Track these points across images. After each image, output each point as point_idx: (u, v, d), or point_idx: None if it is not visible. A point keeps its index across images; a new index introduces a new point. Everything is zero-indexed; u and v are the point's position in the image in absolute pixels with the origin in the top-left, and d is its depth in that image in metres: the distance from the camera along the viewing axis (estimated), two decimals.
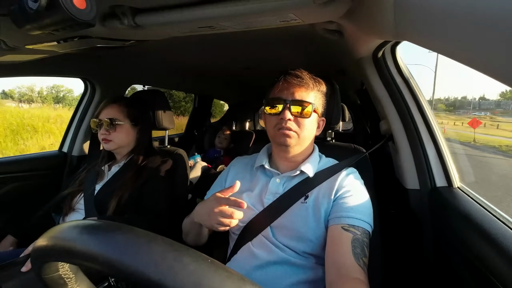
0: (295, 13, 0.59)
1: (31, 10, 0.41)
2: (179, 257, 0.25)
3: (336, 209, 0.71)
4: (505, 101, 55.53)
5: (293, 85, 0.75)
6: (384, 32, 0.64)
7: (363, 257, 0.63)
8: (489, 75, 0.35)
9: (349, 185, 0.75)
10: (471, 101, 58.37)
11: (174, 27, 0.70)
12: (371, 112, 2.02)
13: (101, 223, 0.31)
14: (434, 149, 0.91)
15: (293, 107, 0.74)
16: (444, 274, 0.80)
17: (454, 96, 76.24)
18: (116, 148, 1.10)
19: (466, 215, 0.69)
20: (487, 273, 0.57)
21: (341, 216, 0.68)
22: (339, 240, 0.65)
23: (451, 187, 0.87)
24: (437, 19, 0.40)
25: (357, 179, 0.79)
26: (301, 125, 0.75)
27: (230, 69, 1.75)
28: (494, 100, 59.03)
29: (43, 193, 1.39)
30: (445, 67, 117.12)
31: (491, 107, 50.82)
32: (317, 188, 0.76)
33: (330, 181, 0.77)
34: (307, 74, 0.77)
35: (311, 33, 0.92)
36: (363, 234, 0.66)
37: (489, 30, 0.31)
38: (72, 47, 0.80)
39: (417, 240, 0.94)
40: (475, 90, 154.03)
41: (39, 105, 17.09)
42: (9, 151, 5.96)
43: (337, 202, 0.72)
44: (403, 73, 0.98)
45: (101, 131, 1.07)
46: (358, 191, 0.75)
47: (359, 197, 0.73)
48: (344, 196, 0.72)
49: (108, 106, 1.09)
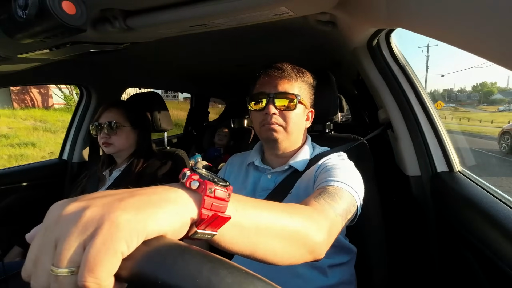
0: (287, 6, 0.59)
1: (21, 19, 0.41)
2: (215, 269, 0.24)
3: (318, 181, 0.64)
4: (474, 93, 61.03)
5: (275, 77, 0.73)
6: (377, 20, 0.63)
7: (330, 200, 0.53)
8: (485, 58, 0.35)
9: (331, 161, 0.71)
10: (450, 94, 61.61)
11: (166, 28, 0.69)
12: (368, 102, 2.02)
13: None
14: (434, 135, 0.92)
15: (277, 101, 0.72)
16: (448, 258, 0.81)
17: (435, 89, 78.52)
18: (117, 152, 1.10)
19: (468, 198, 0.69)
20: (492, 255, 0.57)
21: (322, 182, 0.61)
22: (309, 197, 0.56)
23: (452, 171, 0.87)
24: (430, 4, 0.40)
25: (342, 159, 0.74)
26: (287, 118, 0.73)
27: (224, 67, 1.74)
28: (467, 92, 63.24)
29: (47, 201, 1.39)
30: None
31: (464, 99, 55.58)
32: (301, 177, 0.74)
33: (312, 167, 0.74)
34: (289, 65, 0.75)
35: (304, 26, 0.91)
36: (339, 191, 0.57)
37: (484, 13, 0.31)
38: (64, 53, 0.79)
39: (420, 226, 0.94)
40: (458, 82, 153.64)
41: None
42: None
43: (319, 178, 0.66)
44: (398, 61, 0.97)
45: (101, 135, 1.07)
46: (342, 164, 0.69)
47: (344, 168, 0.67)
48: (323, 170, 0.68)
49: (107, 109, 1.09)
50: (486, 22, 0.31)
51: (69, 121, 1.59)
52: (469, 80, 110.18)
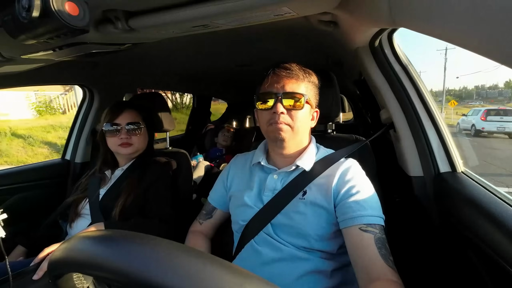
0: (289, 6, 0.59)
1: (25, 20, 0.41)
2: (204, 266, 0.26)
3: (347, 209, 0.68)
4: (506, 90, 58.35)
5: (282, 77, 0.74)
6: (380, 20, 0.63)
7: (390, 256, 0.62)
8: (490, 58, 0.35)
9: (353, 180, 0.72)
10: (479, 91, 59.47)
11: (168, 28, 0.70)
12: (371, 102, 2.01)
13: (132, 236, 0.31)
14: (436, 135, 0.91)
15: (285, 100, 0.72)
16: (451, 259, 0.80)
17: (464, 86, 76.52)
18: (134, 152, 1.11)
19: (471, 199, 0.69)
20: (495, 256, 0.57)
21: (355, 217, 0.66)
22: (361, 244, 0.63)
23: (455, 172, 0.87)
24: (433, 3, 0.39)
25: (358, 172, 0.76)
26: (294, 118, 0.73)
27: (226, 68, 1.74)
28: (499, 89, 61.21)
29: (49, 201, 1.40)
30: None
31: (494, 96, 53.43)
32: (316, 183, 0.74)
33: (327, 175, 0.75)
34: (296, 66, 0.75)
35: (306, 26, 0.91)
36: (381, 231, 0.65)
37: (488, 12, 0.31)
38: (67, 54, 0.80)
39: (422, 227, 0.94)
40: (490, 78, 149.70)
41: None
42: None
43: (345, 202, 0.69)
44: (401, 61, 0.97)
45: (120, 135, 1.06)
46: (363, 184, 0.72)
47: (366, 191, 0.71)
48: (351, 193, 0.70)
49: (126, 110, 1.09)
50: (491, 22, 0.31)
51: (72, 122, 1.60)
52: (505, 76, 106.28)
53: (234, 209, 0.83)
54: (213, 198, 0.92)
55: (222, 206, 0.91)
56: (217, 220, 0.92)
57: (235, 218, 0.82)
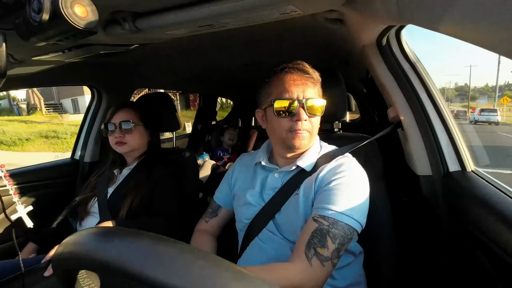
0: (295, 4, 0.59)
1: (35, 23, 0.42)
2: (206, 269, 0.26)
3: (318, 199, 0.67)
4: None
5: (301, 81, 0.71)
6: (387, 17, 0.62)
7: (319, 247, 0.59)
8: (501, 54, 0.34)
9: (339, 174, 0.68)
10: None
11: (174, 28, 0.70)
12: (378, 100, 1.99)
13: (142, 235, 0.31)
14: (445, 133, 0.89)
15: (308, 107, 0.70)
16: (460, 258, 0.79)
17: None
18: (130, 151, 1.12)
19: (481, 199, 0.67)
20: (506, 256, 0.56)
21: (317, 207, 0.65)
22: (304, 230, 0.63)
23: (465, 171, 0.85)
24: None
25: (350, 169, 0.71)
26: (314, 123, 0.73)
27: (232, 67, 1.74)
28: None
29: (60, 200, 1.43)
30: None
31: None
32: (307, 178, 0.74)
33: (319, 170, 0.73)
34: (309, 66, 0.74)
35: (311, 24, 0.91)
36: (333, 225, 0.60)
37: (502, 7, 0.30)
38: (76, 55, 0.81)
39: (431, 226, 0.92)
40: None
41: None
42: None
43: (320, 192, 0.68)
44: (409, 58, 0.95)
45: (115, 134, 1.08)
46: (348, 181, 0.67)
47: (346, 188, 0.66)
48: (329, 186, 0.67)
49: (121, 109, 1.11)
50: (504, 18, 0.30)
51: (81, 122, 1.63)
52: None
53: (238, 208, 0.84)
54: (218, 196, 0.93)
55: (227, 204, 0.91)
56: (223, 219, 0.93)
57: (239, 216, 0.83)
